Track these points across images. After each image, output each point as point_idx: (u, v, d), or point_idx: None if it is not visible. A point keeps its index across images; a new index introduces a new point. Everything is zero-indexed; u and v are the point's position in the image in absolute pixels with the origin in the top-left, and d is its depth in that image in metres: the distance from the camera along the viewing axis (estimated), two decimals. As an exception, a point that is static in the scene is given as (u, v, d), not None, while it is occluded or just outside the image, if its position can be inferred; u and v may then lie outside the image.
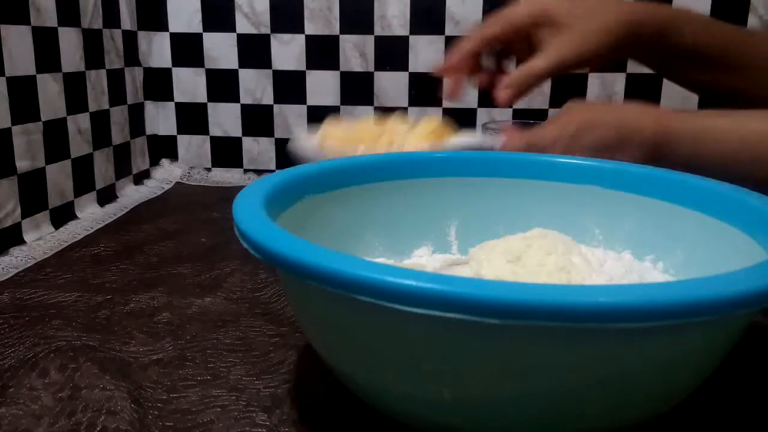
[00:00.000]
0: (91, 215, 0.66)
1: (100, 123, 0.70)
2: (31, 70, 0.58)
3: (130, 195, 0.75)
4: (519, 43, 0.52)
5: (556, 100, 0.81)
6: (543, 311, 0.20)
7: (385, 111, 0.83)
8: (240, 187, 0.33)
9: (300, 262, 0.24)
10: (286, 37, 0.82)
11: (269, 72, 0.83)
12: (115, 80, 0.74)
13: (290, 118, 0.85)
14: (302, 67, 0.83)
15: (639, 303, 0.20)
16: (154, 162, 0.86)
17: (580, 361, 0.23)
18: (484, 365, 0.24)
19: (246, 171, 0.87)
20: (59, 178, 0.63)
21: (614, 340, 0.22)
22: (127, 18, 0.77)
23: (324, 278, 0.23)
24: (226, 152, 0.87)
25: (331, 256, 0.23)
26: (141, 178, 0.81)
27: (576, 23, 0.49)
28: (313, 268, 0.23)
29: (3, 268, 0.51)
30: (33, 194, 0.59)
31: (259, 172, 0.86)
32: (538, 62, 0.49)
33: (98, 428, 0.31)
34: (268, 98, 0.84)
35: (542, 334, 0.22)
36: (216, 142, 0.87)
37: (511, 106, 0.82)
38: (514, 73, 0.50)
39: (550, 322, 0.20)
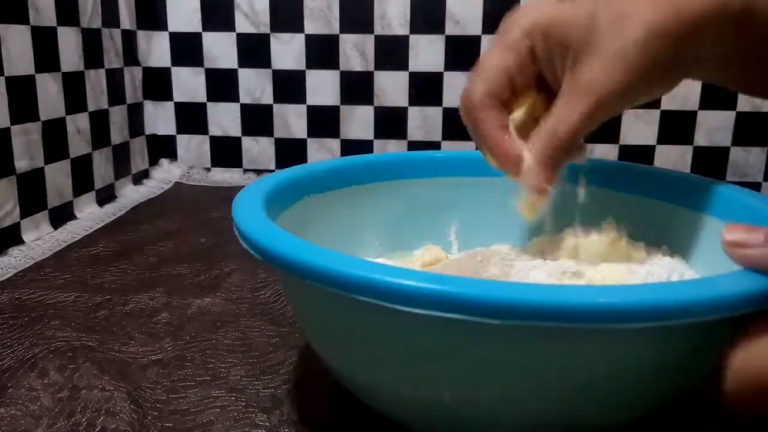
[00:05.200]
0: (90, 215, 0.66)
1: (99, 123, 0.70)
2: (30, 69, 0.58)
3: (130, 195, 0.75)
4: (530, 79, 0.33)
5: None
6: (541, 311, 0.20)
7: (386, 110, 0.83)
8: (239, 187, 0.33)
9: (297, 261, 0.24)
10: (286, 36, 0.82)
11: (269, 71, 0.83)
12: (114, 80, 0.74)
13: (290, 118, 0.85)
14: (302, 66, 0.82)
15: (637, 304, 0.20)
16: (154, 162, 0.85)
17: (581, 361, 0.23)
18: (483, 366, 0.23)
19: (245, 171, 0.87)
20: (58, 177, 0.63)
21: (614, 339, 0.22)
22: (126, 17, 0.77)
23: (321, 277, 0.23)
24: (226, 152, 0.87)
25: (328, 255, 0.23)
26: (140, 178, 0.81)
27: (602, 38, 0.29)
28: (311, 267, 0.23)
29: (2, 269, 0.51)
30: (32, 194, 0.59)
31: (258, 172, 0.86)
32: (563, 114, 0.31)
33: (97, 429, 0.31)
34: (267, 98, 0.84)
35: (542, 335, 0.22)
36: (215, 141, 0.87)
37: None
38: (534, 141, 0.32)
39: (548, 322, 0.20)
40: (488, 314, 0.20)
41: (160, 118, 0.86)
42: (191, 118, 0.86)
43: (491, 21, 0.78)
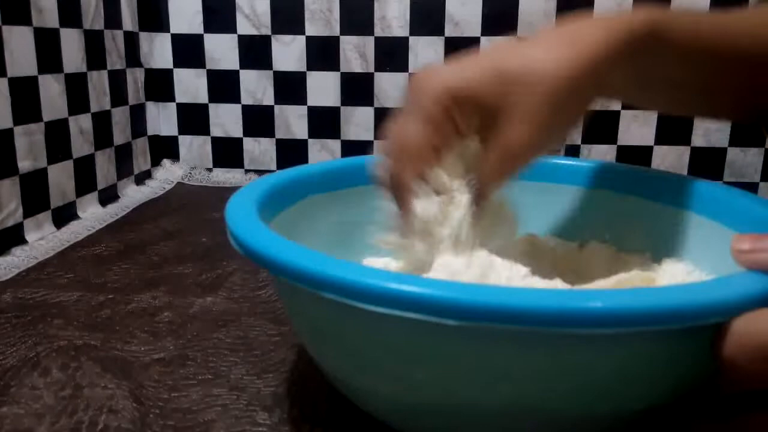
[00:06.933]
0: (92, 215, 0.67)
1: (102, 123, 0.71)
2: (32, 70, 0.59)
3: (132, 195, 0.76)
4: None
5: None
6: (499, 314, 0.20)
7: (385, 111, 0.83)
8: (241, 188, 0.33)
9: (265, 256, 0.24)
10: (287, 38, 0.82)
11: (270, 73, 0.83)
12: (117, 81, 0.74)
13: (291, 118, 0.85)
14: (303, 68, 0.83)
15: (605, 309, 0.20)
16: (156, 162, 0.86)
17: (541, 366, 0.23)
18: (459, 368, 0.23)
19: (247, 171, 0.87)
20: (61, 178, 0.63)
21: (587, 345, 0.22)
22: (129, 19, 0.77)
23: (287, 272, 0.23)
24: (227, 152, 0.87)
25: (297, 251, 0.24)
26: (142, 178, 0.82)
27: (512, 98, 0.30)
28: (278, 263, 0.24)
29: (5, 268, 0.51)
30: (35, 194, 0.59)
31: (260, 172, 0.87)
32: (485, 172, 0.32)
33: (99, 427, 0.31)
34: (268, 99, 0.85)
35: (517, 338, 0.21)
36: (217, 142, 0.87)
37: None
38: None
39: (501, 324, 0.20)
40: (444, 315, 0.20)
41: (162, 119, 0.86)
42: (193, 118, 0.86)
43: (490, 23, 0.79)
